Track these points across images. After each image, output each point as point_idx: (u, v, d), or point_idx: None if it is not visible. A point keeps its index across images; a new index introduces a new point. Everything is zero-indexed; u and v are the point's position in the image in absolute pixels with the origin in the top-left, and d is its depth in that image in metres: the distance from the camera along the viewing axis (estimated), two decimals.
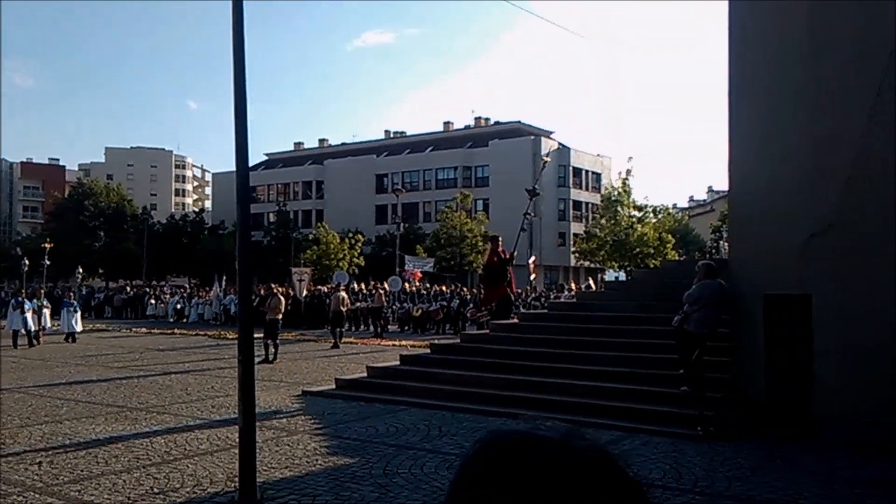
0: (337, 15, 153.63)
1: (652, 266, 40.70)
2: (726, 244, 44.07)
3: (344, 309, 23.22)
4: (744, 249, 10.32)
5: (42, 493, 6.65)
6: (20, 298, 22.35)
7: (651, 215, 51.82)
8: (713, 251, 51.13)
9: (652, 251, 47.94)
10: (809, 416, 8.71)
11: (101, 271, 60.97)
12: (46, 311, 23.73)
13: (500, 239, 15.30)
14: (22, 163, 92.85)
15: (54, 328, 24.35)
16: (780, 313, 9.21)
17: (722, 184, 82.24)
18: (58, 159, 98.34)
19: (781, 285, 9.14)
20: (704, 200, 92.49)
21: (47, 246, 36.29)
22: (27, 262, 28.63)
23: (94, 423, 9.83)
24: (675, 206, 71.76)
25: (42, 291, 25.73)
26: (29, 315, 21.76)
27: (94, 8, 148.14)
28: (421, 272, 34.89)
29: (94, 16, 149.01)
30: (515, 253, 15.25)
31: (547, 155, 14.97)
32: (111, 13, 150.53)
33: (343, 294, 24.26)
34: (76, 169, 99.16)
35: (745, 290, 9.81)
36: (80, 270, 36.52)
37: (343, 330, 22.86)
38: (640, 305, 12.79)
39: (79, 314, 24.56)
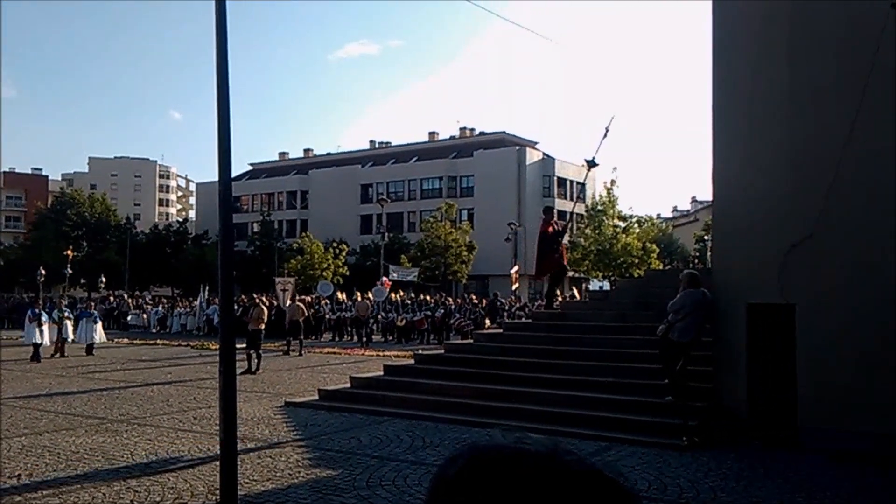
0: (320, 26, 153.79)
1: (636, 276, 40.90)
2: (709, 253, 44.45)
3: (301, 319, 22.77)
4: (727, 259, 10.38)
5: None
6: (37, 310, 21.00)
7: (635, 225, 52.15)
8: (697, 261, 51.51)
9: (636, 261, 48.22)
10: (793, 425, 8.75)
11: (83, 281, 60.34)
12: (69, 323, 22.11)
13: (555, 211, 15.09)
14: (4, 172, 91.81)
15: (74, 339, 22.73)
16: (764, 322, 9.26)
17: (705, 194, 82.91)
18: (41, 169, 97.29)
19: (764, 294, 9.19)
20: (688, 210, 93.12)
21: (70, 254, 35.29)
22: (43, 271, 27.24)
23: (74, 436, 9.69)
24: (658, 216, 72.21)
25: (63, 302, 24.13)
26: (45, 327, 20.63)
27: (77, 18, 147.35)
28: (391, 281, 34.48)
29: (78, 26, 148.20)
30: (569, 224, 15.03)
31: (610, 122, 13.85)
32: (94, 23, 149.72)
33: (300, 305, 23.68)
34: (59, 179, 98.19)
35: (728, 299, 9.86)
36: (103, 279, 34.89)
37: (302, 339, 22.75)
38: (623, 315, 12.84)
39: (99, 325, 23.21)
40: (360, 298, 30.17)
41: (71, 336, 22.13)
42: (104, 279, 42.56)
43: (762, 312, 9.26)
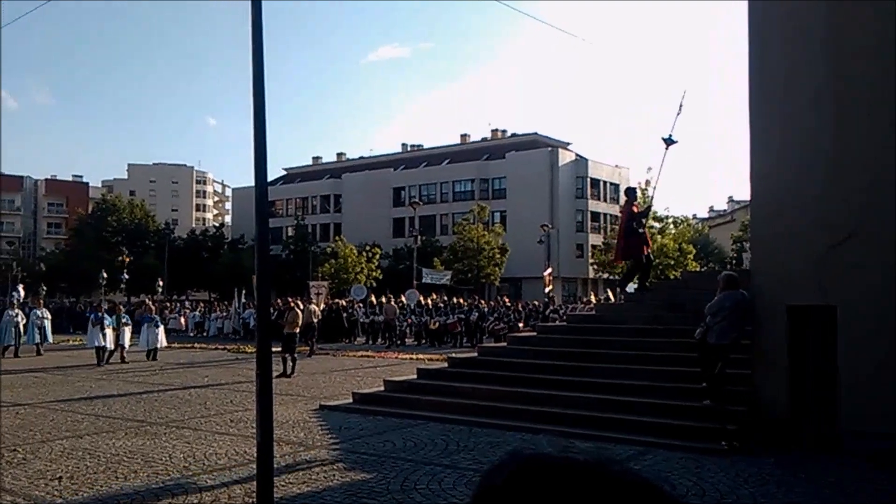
0: (352, 30, 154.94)
1: (672, 277, 40.37)
2: (747, 254, 43.77)
3: (315, 321, 19.21)
4: (766, 260, 10.18)
5: None
6: (99, 314, 20.98)
7: (671, 226, 51.56)
8: (734, 262, 50.73)
9: (672, 262, 47.64)
10: (834, 428, 8.55)
11: (122, 286, 61.55)
12: (127, 329, 22.15)
13: (637, 191, 14.27)
14: (46, 180, 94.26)
15: (134, 344, 22.76)
16: (804, 325, 9.07)
17: (742, 193, 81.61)
18: (81, 176, 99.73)
19: (805, 296, 9.00)
20: (725, 211, 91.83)
21: (126, 259, 35.57)
22: (105, 275, 26.93)
23: (114, 438, 9.87)
24: (694, 217, 71.31)
25: (121, 307, 23.78)
26: (109, 331, 20.58)
27: (112, 26, 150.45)
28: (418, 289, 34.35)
29: (113, 34, 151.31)
30: (652, 205, 13.99)
31: (683, 97, 12.95)
32: (129, 31, 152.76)
33: (315, 308, 19.88)
34: (99, 185, 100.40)
35: (767, 301, 9.67)
36: (160, 284, 34.51)
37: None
38: (659, 317, 12.67)
39: (161, 329, 23.31)
40: (386, 302, 30.59)
41: (128, 342, 22.14)
42: (161, 283, 42.65)
43: (802, 314, 9.06)
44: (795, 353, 9.12)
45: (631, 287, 15.13)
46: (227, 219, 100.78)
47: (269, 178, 8.46)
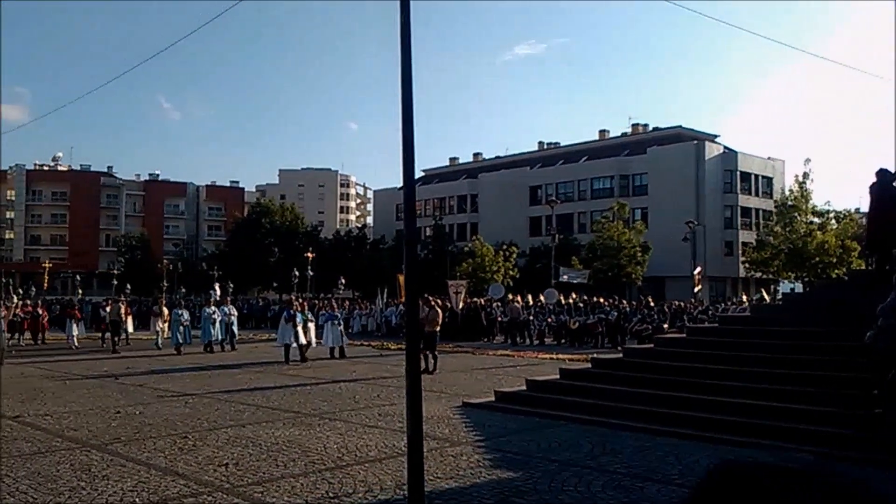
0: (487, 30, 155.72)
1: (835, 276, 37.50)
2: None
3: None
4: None
5: (229, 493, 7.16)
6: (292, 311, 21.21)
7: (832, 221, 47.84)
8: None
9: (834, 260, 44.12)
10: None
11: (275, 285, 65.30)
12: (312, 326, 22.38)
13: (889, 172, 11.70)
14: (207, 186, 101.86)
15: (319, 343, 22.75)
16: None
17: None
18: (237, 182, 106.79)
19: None
20: None
21: (310, 256, 36.57)
22: (297, 273, 27.20)
23: (273, 428, 10.48)
24: (857, 211, 65.85)
25: (305, 304, 23.75)
26: (300, 328, 20.85)
27: (262, 41, 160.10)
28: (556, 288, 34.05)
29: (264, 49, 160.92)
30: None
31: None
32: (277, 45, 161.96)
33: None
34: (254, 190, 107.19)
35: None
36: (342, 281, 34.92)
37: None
38: (822, 319, 11.80)
39: (342, 327, 23.41)
40: (511, 302, 30.94)
41: (314, 340, 22.49)
42: (343, 281, 43.90)
43: None
44: None
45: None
46: (369, 220, 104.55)
47: None
